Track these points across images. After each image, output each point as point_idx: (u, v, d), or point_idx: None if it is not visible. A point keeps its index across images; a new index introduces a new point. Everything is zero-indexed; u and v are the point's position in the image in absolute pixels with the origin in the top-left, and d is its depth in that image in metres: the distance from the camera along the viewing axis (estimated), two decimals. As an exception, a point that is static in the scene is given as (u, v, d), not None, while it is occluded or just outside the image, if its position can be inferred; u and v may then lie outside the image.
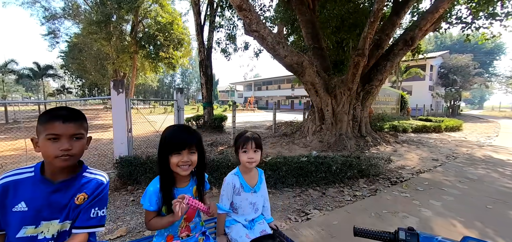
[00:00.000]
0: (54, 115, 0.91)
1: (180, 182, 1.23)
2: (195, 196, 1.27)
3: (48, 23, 18.99)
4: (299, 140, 7.35)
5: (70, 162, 0.93)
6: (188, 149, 1.15)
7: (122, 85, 4.28)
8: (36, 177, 0.93)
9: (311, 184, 3.77)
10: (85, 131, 0.99)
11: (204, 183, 1.35)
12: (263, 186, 1.56)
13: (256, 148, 1.38)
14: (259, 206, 1.54)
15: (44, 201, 0.92)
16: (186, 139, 1.16)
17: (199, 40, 10.18)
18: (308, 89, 6.95)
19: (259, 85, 50.99)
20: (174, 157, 1.14)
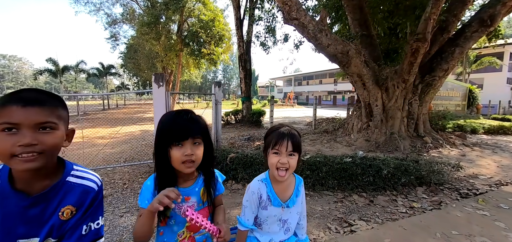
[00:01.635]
0: (12, 98, 0.67)
1: (182, 179, 1.00)
2: (204, 201, 1.03)
3: (110, 27, 21.49)
4: (342, 138, 6.71)
5: (36, 163, 0.68)
6: (192, 139, 0.92)
7: (163, 79, 4.40)
8: (3, 188, 0.71)
9: (356, 189, 3.29)
10: (60, 120, 0.73)
11: (215, 183, 1.08)
12: (300, 200, 1.20)
13: (293, 150, 1.04)
14: (292, 225, 1.20)
15: (18, 217, 0.72)
16: (189, 127, 0.92)
17: (238, 35, 10.18)
18: (354, 81, 6.25)
19: (299, 80, 49.61)
20: (175, 149, 0.91)
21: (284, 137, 1.04)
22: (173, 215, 0.96)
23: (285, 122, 1.26)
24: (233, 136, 8.35)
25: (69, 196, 0.78)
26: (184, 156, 0.90)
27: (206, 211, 1.04)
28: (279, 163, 1.04)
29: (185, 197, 0.99)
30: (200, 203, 1.02)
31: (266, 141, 1.11)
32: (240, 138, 7.80)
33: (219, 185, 1.12)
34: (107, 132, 8.84)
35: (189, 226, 0.99)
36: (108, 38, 23.07)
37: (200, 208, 1.01)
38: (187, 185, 1.01)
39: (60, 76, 17.98)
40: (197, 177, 1.05)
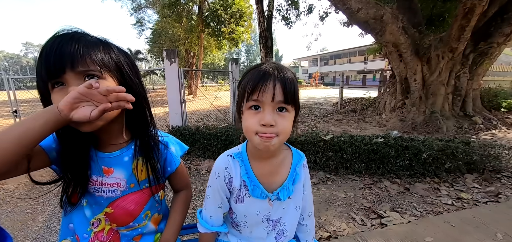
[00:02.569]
0: None
1: (102, 140, 0.66)
2: (139, 181, 0.68)
3: (135, 13, 22.00)
4: (372, 118, 6.04)
5: None
6: (72, 69, 0.53)
7: (175, 55, 4.19)
8: None
9: (388, 174, 2.81)
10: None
11: (158, 150, 0.71)
12: (299, 188, 0.75)
13: (284, 100, 0.59)
14: (287, 227, 0.77)
15: None
16: (67, 49, 0.53)
17: (258, 9, 9.57)
18: (389, 53, 5.46)
19: (325, 59, 47.11)
20: (56, 94, 0.55)
21: (268, 78, 0.59)
22: (86, 194, 0.65)
23: (310, 103, 0.81)
24: (253, 116, 8.08)
25: None
26: (64, 95, 0.50)
27: (143, 195, 0.70)
28: (261, 123, 0.59)
29: (105, 168, 0.65)
30: (131, 183, 0.68)
31: (240, 89, 0.65)
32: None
33: (172, 157, 0.75)
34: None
35: (110, 214, 0.66)
36: (134, 24, 23.77)
37: (131, 191, 0.68)
38: (110, 150, 0.66)
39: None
40: (129, 140, 0.69)
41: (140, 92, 0.65)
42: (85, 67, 0.54)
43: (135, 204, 0.68)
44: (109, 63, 0.58)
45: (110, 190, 0.66)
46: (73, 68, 0.53)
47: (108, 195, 0.66)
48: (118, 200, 0.66)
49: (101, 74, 0.56)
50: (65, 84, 0.55)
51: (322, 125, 6.07)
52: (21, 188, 2.95)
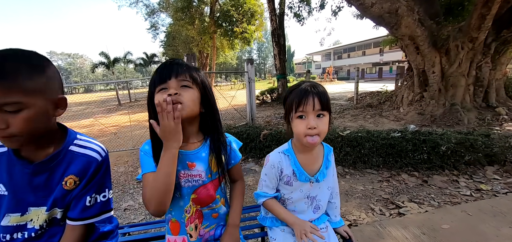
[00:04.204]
0: None
1: (183, 140, 0.82)
2: (213, 172, 0.87)
3: (149, 18, 22.76)
4: (389, 112, 6.02)
5: (14, 144, 0.65)
6: (176, 78, 0.77)
7: (194, 59, 4.43)
8: (11, 154, 0.71)
9: (406, 167, 2.89)
10: (29, 95, 0.61)
11: (227, 149, 0.91)
12: (330, 172, 1.01)
13: (321, 108, 0.84)
14: (322, 203, 1.02)
15: (25, 185, 0.71)
16: (174, 67, 0.79)
17: (270, 8, 9.68)
18: (405, 46, 5.42)
19: (339, 53, 46.15)
20: (158, 94, 0.77)
21: (309, 94, 0.84)
22: (178, 186, 0.83)
23: None
24: (269, 114, 8.23)
25: (72, 165, 0.75)
26: (167, 97, 0.72)
27: (216, 183, 0.90)
28: (307, 127, 0.83)
29: (189, 163, 0.83)
30: (209, 174, 0.86)
31: (286, 104, 0.90)
32: (276, 116, 7.65)
33: (234, 152, 0.95)
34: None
35: (195, 198, 0.86)
36: (148, 28, 24.60)
37: (208, 181, 0.86)
38: (190, 148, 0.84)
39: (112, 68, 20.01)
40: (203, 139, 0.88)
41: (211, 101, 0.86)
42: (182, 78, 0.78)
43: (212, 190, 0.87)
44: (196, 79, 0.82)
45: (194, 180, 0.84)
46: (176, 78, 0.77)
47: (193, 184, 0.84)
48: (200, 187, 0.85)
49: (191, 85, 0.80)
50: (167, 88, 0.77)
51: (338, 120, 6.12)
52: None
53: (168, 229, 0.89)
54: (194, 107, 0.80)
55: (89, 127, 8.76)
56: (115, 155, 4.79)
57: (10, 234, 0.73)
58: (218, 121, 0.89)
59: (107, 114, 11.91)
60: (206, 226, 0.89)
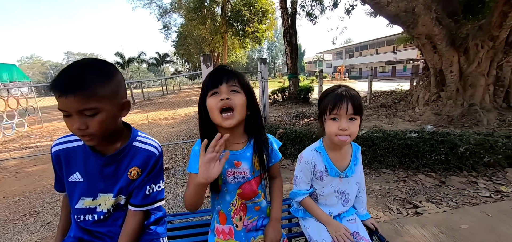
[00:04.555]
0: (53, 84, 0.69)
1: (229, 141, 0.88)
2: (256, 170, 0.94)
3: (162, 18, 23.28)
4: (404, 112, 5.94)
5: (93, 142, 0.76)
6: (227, 84, 0.85)
7: (210, 60, 4.56)
8: (86, 148, 0.84)
9: (423, 168, 2.89)
10: (102, 101, 0.72)
11: (268, 147, 0.97)
12: (358, 169, 1.11)
13: (354, 112, 0.91)
14: (351, 197, 1.11)
15: (96, 173, 0.84)
16: (223, 72, 0.88)
17: (282, 7, 9.71)
18: (421, 45, 5.33)
19: (350, 51, 45.37)
20: (211, 98, 0.86)
21: (343, 99, 0.91)
22: (226, 182, 0.93)
23: None
24: (281, 113, 8.28)
25: (135, 159, 0.87)
26: (219, 102, 0.83)
27: (257, 180, 0.98)
28: (339, 129, 0.92)
29: (235, 162, 0.92)
30: (252, 171, 0.94)
31: (321, 106, 0.99)
32: (288, 115, 7.69)
33: (275, 152, 1.02)
34: (167, 114, 9.87)
35: (240, 193, 0.95)
36: (161, 28, 25.16)
37: (251, 178, 0.95)
38: (237, 148, 0.93)
39: (127, 68, 20.64)
40: (247, 141, 0.96)
41: (255, 105, 0.94)
42: (232, 84, 0.86)
43: (255, 186, 0.96)
44: (244, 84, 0.90)
45: (239, 177, 0.93)
46: (227, 83, 0.86)
47: (238, 181, 0.93)
48: (245, 183, 0.94)
49: (239, 90, 0.88)
50: (218, 93, 0.85)
51: (351, 120, 6.09)
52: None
53: (217, 218, 0.99)
54: (243, 110, 0.88)
55: (107, 124, 9.10)
56: (134, 152, 5.00)
57: (83, 215, 0.87)
58: (261, 123, 0.96)
59: (122, 112, 12.29)
60: (249, 217, 0.98)
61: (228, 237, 0.96)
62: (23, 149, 6.18)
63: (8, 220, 2.53)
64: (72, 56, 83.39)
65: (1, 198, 3.17)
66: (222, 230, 0.98)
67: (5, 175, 4.19)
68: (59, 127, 9.55)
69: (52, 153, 0.85)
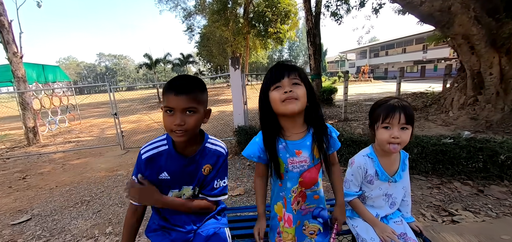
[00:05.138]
0: (169, 86, 0.89)
1: (290, 131, 0.99)
2: (315, 158, 1.01)
3: (186, 20, 24.12)
4: (436, 116, 5.66)
5: (184, 137, 0.91)
6: (288, 77, 0.92)
7: (238, 62, 4.71)
8: (170, 151, 0.99)
9: (458, 176, 2.78)
10: (200, 104, 0.92)
11: (327, 135, 1.02)
12: (406, 174, 1.17)
13: (406, 122, 0.98)
14: (397, 200, 1.18)
15: (180, 172, 1.01)
16: (285, 67, 0.95)
17: (306, 8, 9.64)
18: (457, 45, 5.05)
19: (375, 50, 43.54)
20: (273, 92, 0.94)
21: (395, 109, 0.99)
22: (287, 171, 1.02)
23: (360, 100, 1.18)
24: (303, 114, 8.24)
25: (208, 157, 1.04)
26: (283, 94, 0.91)
27: (318, 167, 1.05)
28: (392, 137, 0.99)
29: (296, 151, 0.99)
30: (312, 159, 1.00)
31: (374, 115, 1.07)
32: (311, 116, 7.63)
33: (334, 140, 1.07)
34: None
35: (301, 181, 1.02)
36: (185, 30, 26.06)
37: (312, 165, 1.01)
38: (297, 138, 1.00)
39: (154, 68, 21.67)
40: (307, 130, 1.02)
41: (314, 96, 1.00)
42: (293, 77, 0.94)
43: (315, 174, 1.03)
44: (303, 78, 0.97)
45: (300, 165, 1.00)
46: (289, 76, 0.93)
47: (300, 169, 1.00)
48: (305, 172, 1.01)
49: (300, 82, 0.94)
50: (281, 86, 0.93)
51: (378, 123, 5.93)
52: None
53: (283, 204, 1.08)
54: (305, 100, 0.95)
55: (136, 122, 9.69)
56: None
57: None
58: (320, 113, 1.02)
59: (149, 111, 13.00)
60: (307, 204, 1.07)
61: (286, 225, 1.06)
62: (66, 143, 6.82)
63: (64, 207, 2.86)
64: (103, 58, 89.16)
65: (54, 187, 3.56)
66: (286, 216, 1.06)
67: (54, 166, 4.68)
68: (95, 123, 10.35)
69: (142, 158, 0.98)
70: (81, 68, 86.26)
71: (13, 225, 2.51)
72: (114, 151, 5.49)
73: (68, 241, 2.18)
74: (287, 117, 0.98)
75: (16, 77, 6.45)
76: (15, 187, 3.69)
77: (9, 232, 2.40)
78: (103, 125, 9.73)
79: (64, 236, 2.24)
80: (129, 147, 5.65)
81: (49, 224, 2.49)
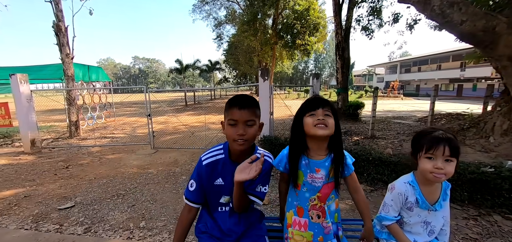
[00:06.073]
0: (234, 102, 1.07)
1: (314, 152, 1.14)
2: (330, 176, 1.14)
3: (216, 29, 25.15)
4: (475, 141, 5.26)
5: (244, 146, 1.06)
6: (323, 108, 1.09)
7: (268, 73, 4.84)
8: (226, 159, 1.15)
9: (499, 208, 2.57)
10: (257, 118, 1.09)
11: (344, 161, 1.17)
12: (446, 204, 1.17)
13: (450, 155, 0.99)
14: (436, 228, 1.17)
15: (233, 178, 1.08)
16: (320, 100, 1.13)
17: (336, 21, 9.58)
18: (502, 67, 4.69)
19: (407, 66, 41.42)
20: (308, 116, 1.11)
21: (440, 142, 1.01)
22: (306, 183, 1.14)
23: (389, 116, 1.20)
24: (327, 128, 8.10)
25: None
26: (316, 120, 1.07)
27: (332, 185, 1.16)
28: (435, 168, 1.01)
29: (316, 168, 1.13)
30: (327, 177, 1.14)
31: (417, 145, 1.10)
32: (335, 131, 7.48)
33: (348, 166, 1.20)
34: (216, 118, 10.58)
35: (320, 196, 1.14)
36: (214, 38, 27.15)
37: (326, 182, 1.14)
38: (319, 158, 1.14)
39: (184, 73, 22.78)
40: (327, 154, 1.15)
41: (339, 128, 1.14)
42: (326, 109, 1.10)
43: (329, 190, 1.15)
44: (333, 111, 1.13)
45: (318, 181, 1.13)
46: (323, 108, 1.10)
47: (318, 185, 1.13)
48: (322, 187, 1.14)
49: (330, 114, 1.10)
50: (315, 114, 1.09)
51: (408, 143, 5.66)
52: (160, 173, 4.06)
53: (295, 212, 1.20)
54: (332, 130, 1.09)
55: (164, 123, 10.24)
56: (190, 152, 5.53)
57: (224, 206, 1.22)
58: (340, 142, 1.16)
59: (176, 114, 13.64)
60: (327, 222, 1.15)
61: (302, 229, 1.16)
62: (102, 138, 7.40)
63: (102, 198, 3.13)
64: (138, 60, 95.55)
65: (93, 179, 3.90)
66: (299, 221, 1.17)
67: (92, 159, 5.11)
68: (127, 121, 11.11)
69: (203, 164, 1.15)
70: (118, 69, 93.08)
71: (59, 210, 2.81)
72: (145, 149, 5.85)
73: (107, 230, 2.40)
74: (314, 140, 1.13)
75: (66, 76, 7.21)
76: (59, 175, 4.10)
77: (57, 215, 2.69)
78: (135, 123, 10.40)
79: (103, 225, 2.46)
80: (158, 147, 5.98)
81: (90, 212, 2.75)
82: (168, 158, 5.06)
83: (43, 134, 7.74)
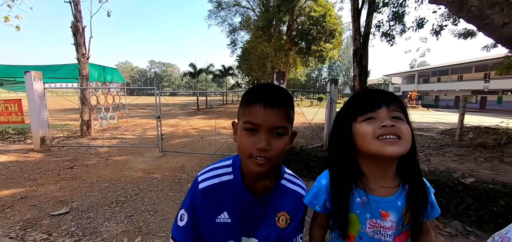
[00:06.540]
0: (255, 95, 0.63)
1: (377, 182, 0.70)
2: (404, 223, 0.70)
3: (231, 35, 25.26)
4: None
5: (265, 168, 0.63)
6: (388, 108, 0.65)
7: (283, 77, 4.53)
8: (237, 185, 0.71)
9: None
10: (290, 124, 0.66)
11: (427, 198, 0.72)
12: None
13: (401, 109, 0.68)
14: None
15: (246, 215, 0.71)
16: (384, 95, 0.68)
17: (354, 27, 9.16)
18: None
19: (425, 76, 39.89)
20: (363, 124, 0.67)
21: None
22: (365, 236, 0.72)
23: None
24: (343, 138, 7.63)
25: (283, 200, 0.74)
26: (379, 128, 0.63)
27: (404, 237, 0.73)
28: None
29: (382, 212, 0.70)
30: (400, 225, 0.71)
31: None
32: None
33: (434, 206, 0.76)
34: (227, 123, 10.35)
35: None
36: (228, 44, 27.27)
37: (399, 232, 0.71)
38: (385, 193, 0.70)
39: (197, 77, 22.93)
40: (399, 185, 0.72)
41: (414, 140, 0.70)
42: (394, 109, 0.66)
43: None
44: (403, 110, 0.69)
45: (387, 234, 0.70)
46: (387, 107, 0.66)
47: (386, 239, 0.71)
48: (393, 241, 0.71)
49: (403, 118, 0.67)
50: (375, 119, 0.66)
51: (436, 158, 5.12)
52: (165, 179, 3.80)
53: None
54: (409, 144, 0.65)
55: (174, 126, 10.13)
56: (198, 157, 5.27)
57: None
58: (418, 164, 0.72)
59: (187, 117, 13.55)
60: None
61: None
62: (112, 139, 7.32)
63: (100, 204, 2.88)
64: (154, 64, 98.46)
65: (95, 181, 3.70)
66: None
67: (99, 160, 4.95)
68: (139, 123, 11.11)
69: (199, 189, 0.71)
70: (135, 72, 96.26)
71: (52, 216, 2.58)
72: (152, 152, 5.65)
73: (98, 244, 2.12)
74: (376, 163, 0.69)
75: (81, 75, 7.23)
76: (62, 175, 3.93)
77: (48, 222, 2.46)
78: (146, 125, 10.36)
79: (95, 238, 2.19)
80: (166, 150, 5.78)
81: (83, 221, 2.49)
82: (175, 162, 4.82)
83: (56, 132, 7.78)
